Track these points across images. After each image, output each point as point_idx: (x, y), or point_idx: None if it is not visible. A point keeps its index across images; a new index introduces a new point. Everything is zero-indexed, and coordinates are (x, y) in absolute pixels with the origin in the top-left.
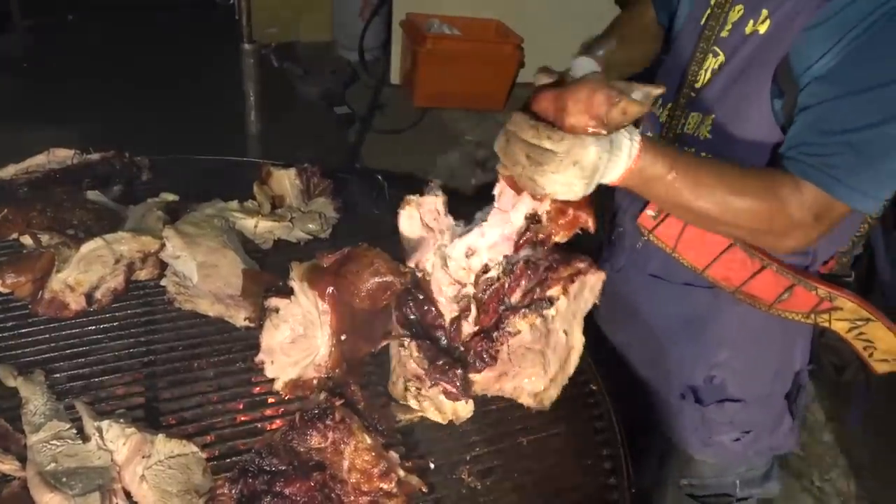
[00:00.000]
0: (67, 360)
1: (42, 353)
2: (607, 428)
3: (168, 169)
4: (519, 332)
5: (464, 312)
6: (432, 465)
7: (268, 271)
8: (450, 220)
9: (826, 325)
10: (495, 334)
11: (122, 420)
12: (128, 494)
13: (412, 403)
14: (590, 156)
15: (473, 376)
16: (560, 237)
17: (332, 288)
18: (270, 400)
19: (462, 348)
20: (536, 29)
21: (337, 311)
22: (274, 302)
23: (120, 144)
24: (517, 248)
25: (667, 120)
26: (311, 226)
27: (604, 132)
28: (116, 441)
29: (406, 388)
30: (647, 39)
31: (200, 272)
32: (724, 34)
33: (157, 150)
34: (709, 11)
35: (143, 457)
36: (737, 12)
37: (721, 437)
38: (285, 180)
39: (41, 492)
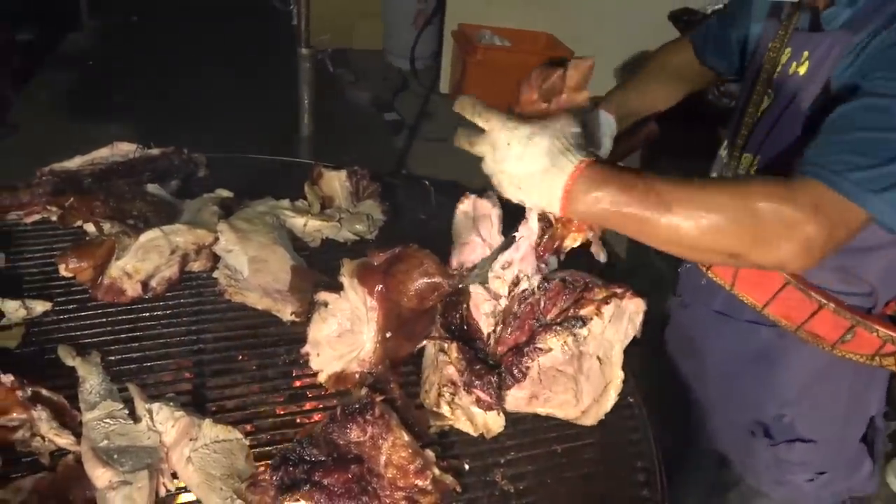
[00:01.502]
0: (122, 344)
1: (99, 335)
2: (642, 440)
3: (223, 166)
4: (550, 349)
5: (498, 327)
6: (467, 467)
7: (315, 269)
8: (500, 238)
9: (892, 368)
10: (526, 349)
11: (171, 403)
12: (174, 475)
13: (445, 410)
14: (500, 138)
15: (505, 394)
16: (570, 241)
17: (381, 286)
18: (310, 394)
19: (495, 363)
20: (587, 42)
21: (384, 309)
22: (323, 296)
23: (179, 141)
24: (538, 256)
25: (727, 160)
26: (358, 227)
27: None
28: (166, 423)
29: (440, 394)
30: (672, 82)
31: (251, 266)
32: (776, 76)
33: (213, 148)
34: (767, 54)
35: (191, 439)
36: (786, 55)
37: (794, 477)
38: (335, 182)
39: (93, 466)
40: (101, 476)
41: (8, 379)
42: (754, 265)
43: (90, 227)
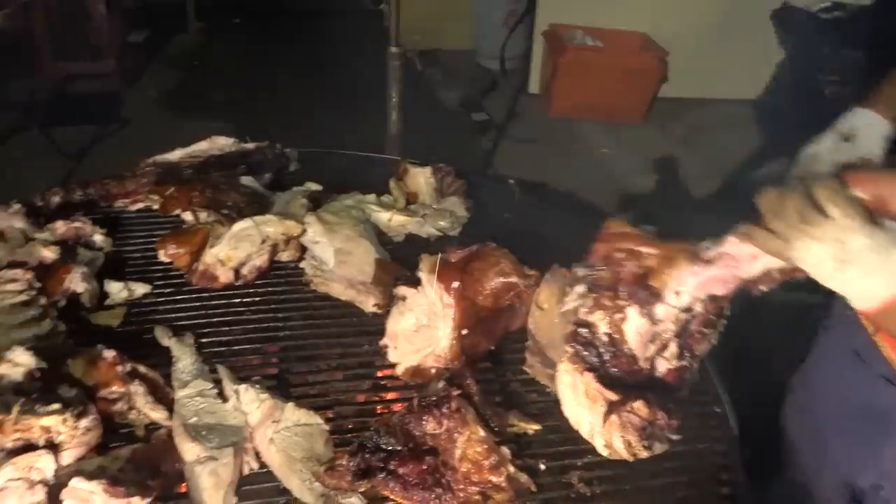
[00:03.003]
0: (214, 328)
1: (192, 318)
2: (729, 453)
3: (314, 161)
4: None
5: (660, 350)
6: (543, 467)
7: (398, 263)
8: None
9: None
10: (687, 362)
11: (257, 386)
12: (257, 454)
13: (643, 454)
14: (856, 241)
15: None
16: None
17: (457, 283)
18: (390, 384)
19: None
20: (683, 43)
21: (460, 306)
22: (402, 290)
23: (273, 136)
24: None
25: None
26: (441, 223)
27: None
28: (251, 404)
29: (630, 444)
30: None
31: (337, 258)
32: None
33: (305, 144)
34: None
35: (274, 421)
36: None
37: None
38: (421, 178)
39: (183, 441)
40: (189, 450)
41: (110, 354)
42: None
43: (188, 216)
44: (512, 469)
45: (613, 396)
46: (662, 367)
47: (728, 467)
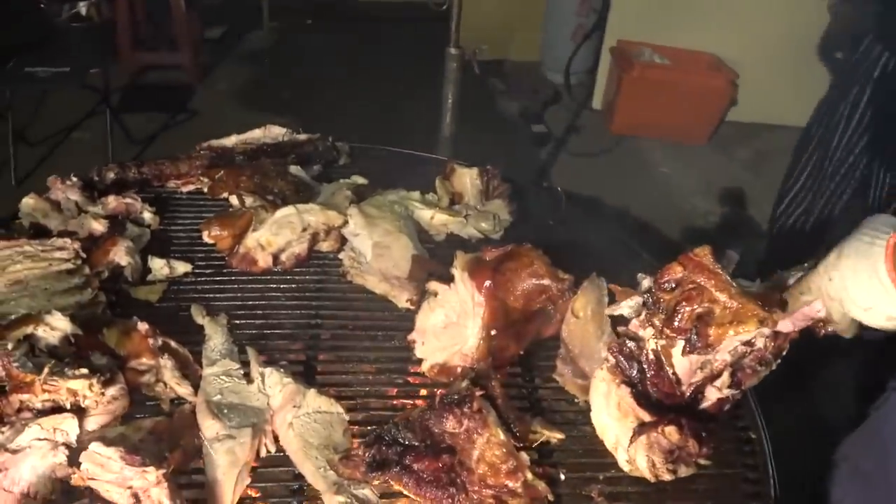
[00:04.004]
0: (248, 311)
1: (229, 300)
2: (761, 480)
3: (365, 156)
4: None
5: (708, 378)
6: (562, 477)
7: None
8: None
9: None
10: (739, 392)
11: (282, 370)
12: (275, 437)
13: (666, 477)
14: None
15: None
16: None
17: (489, 282)
18: (416, 381)
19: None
20: (754, 64)
21: (490, 306)
22: (434, 286)
23: (334, 133)
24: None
25: None
26: (484, 225)
27: None
28: (274, 388)
29: (654, 465)
30: None
31: (374, 251)
32: None
33: (358, 139)
34: None
35: (294, 406)
36: None
37: None
38: (466, 178)
39: (204, 417)
40: (209, 427)
41: (143, 327)
42: None
43: (234, 200)
44: (530, 476)
45: (647, 417)
46: (713, 395)
47: (759, 495)
